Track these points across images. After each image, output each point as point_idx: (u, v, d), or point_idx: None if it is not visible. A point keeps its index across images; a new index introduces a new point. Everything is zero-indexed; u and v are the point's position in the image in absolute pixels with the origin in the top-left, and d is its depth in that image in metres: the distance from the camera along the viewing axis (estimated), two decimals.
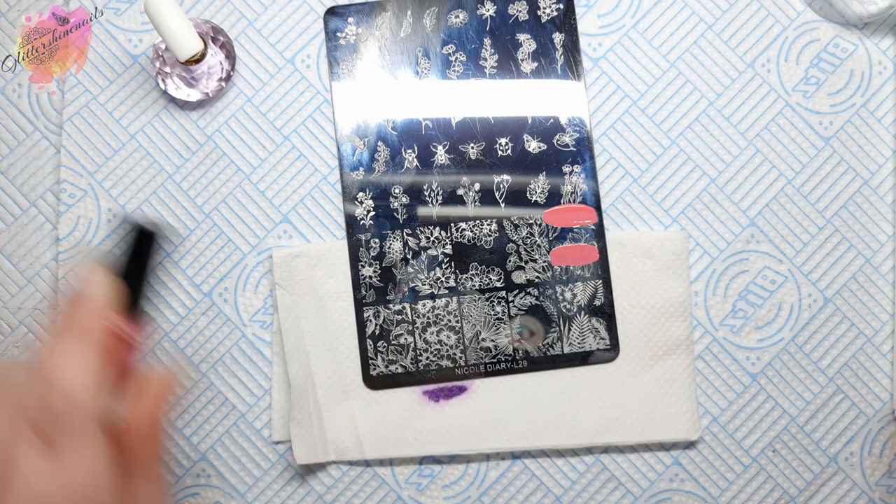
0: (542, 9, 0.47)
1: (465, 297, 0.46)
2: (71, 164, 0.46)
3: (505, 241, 0.46)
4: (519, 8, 0.47)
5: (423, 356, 0.45)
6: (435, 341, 0.45)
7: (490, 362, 0.45)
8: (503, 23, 0.47)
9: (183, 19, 0.42)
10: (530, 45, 0.47)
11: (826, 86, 0.47)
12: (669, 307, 0.46)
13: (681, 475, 0.46)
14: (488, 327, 0.45)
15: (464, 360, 0.45)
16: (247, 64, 0.47)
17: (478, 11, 0.47)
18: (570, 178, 0.46)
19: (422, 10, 0.47)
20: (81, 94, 0.47)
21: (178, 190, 0.47)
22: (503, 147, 0.46)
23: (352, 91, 0.47)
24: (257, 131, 0.47)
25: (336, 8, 0.47)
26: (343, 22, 0.47)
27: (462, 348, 0.45)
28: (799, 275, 0.47)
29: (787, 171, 0.47)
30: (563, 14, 0.47)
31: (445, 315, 0.45)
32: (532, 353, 0.45)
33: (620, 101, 0.47)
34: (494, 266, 0.46)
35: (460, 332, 0.45)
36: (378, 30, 0.47)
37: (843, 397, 0.46)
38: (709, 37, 0.47)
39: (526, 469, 0.46)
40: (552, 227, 0.46)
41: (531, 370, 0.45)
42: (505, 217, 0.46)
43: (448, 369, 0.45)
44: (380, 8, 0.47)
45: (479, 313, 0.45)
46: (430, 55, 0.46)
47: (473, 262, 0.46)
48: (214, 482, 0.46)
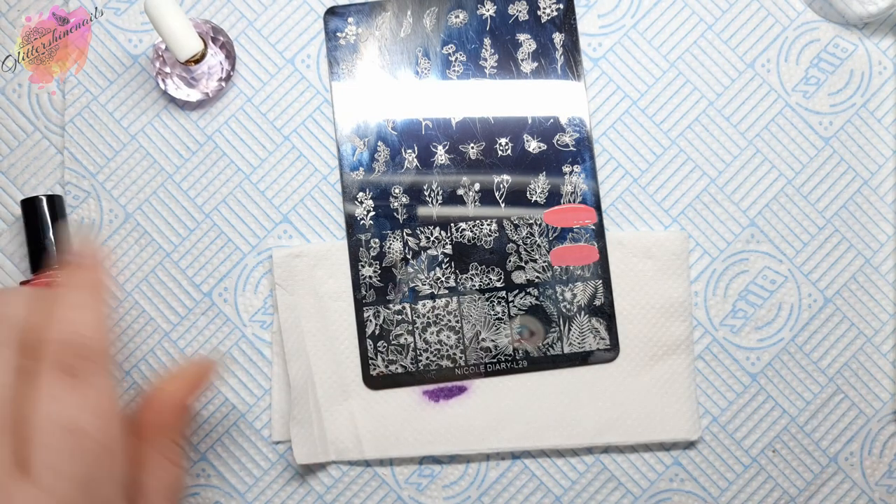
0: (541, 9, 0.47)
1: (465, 297, 0.46)
2: (74, 167, 0.46)
3: (505, 241, 0.46)
4: (519, 8, 0.47)
5: (423, 356, 0.45)
6: (435, 341, 0.45)
7: (490, 362, 0.45)
8: (503, 23, 0.47)
9: (183, 19, 0.42)
10: (530, 45, 0.47)
11: (826, 86, 0.47)
12: (669, 307, 0.46)
13: (681, 475, 0.46)
14: (488, 327, 0.45)
15: (464, 360, 0.45)
16: (247, 64, 0.47)
17: (478, 11, 0.47)
18: (570, 178, 0.46)
19: (422, 10, 0.47)
20: (82, 95, 0.47)
21: (177, 190, 0.47)
22: (503, 147, 0.46)
23: (352, 91, 0.47)
24: (257, 131, 0.47)
25: (336, 8, 0.47)
26: (343, 22, 0.47)
27: (462, 348, 0.45)
28: (799, 275, 0.47)
29: (787, 171, 0.47)
30: (564, 14, 0.47)
31: (445, 315, 0.45)
32: (532, 354, 0.45)
33: (620, 101, 0.47)
34: (494, 266, 0.46)
35: (460, 333, 0.45)
36: (378, 30, 0.47)
37: (843, 397, 0.46)
38: (709, 37, 0.47)
39: (526, 469, 0.46)
40: (552, 227, 0.46)
41: (531, 370, 0.45)
42: (505, 217, 0.46)
43: (448, 369, 0.45)
44: (380, 8, 0.47)
45: (479, 313, 0.46)
46: (430, 55, 0.47)
47: (473, 262, 0.46)
48: (214, 482, 0.46)
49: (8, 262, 0.47)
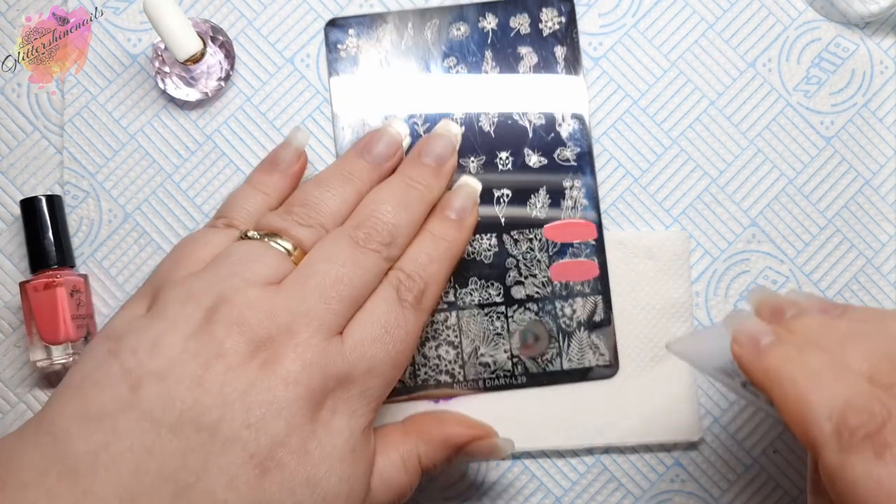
0: (543, 22, 0.46)
1: (464, 311, 0.45)
2: (73, 167, 0.46)
3: (504, 255, 0.46)
4: (520, 21, 0.47)
5: (421, 371, 0.45)
6: (434, 356, 0.45)
7: (489, 377, 0.45)
8: (505, 36, 0.46)
9: (182, 19, 0.42)
10: (532, 59, 0.46)
11: (827, 85, 0.47)
12: (670, 308, 0.46)
13: (682, 476, 0.46)
14: (487, 342, 0.45)
15: (462, 375, 0.45)
16: (246, 63, 0.47)
17: (479, 24, 0.47)
18: (571, 192, 0.46)
19: (423, 22, 0.47)
20: (81, 95, 0.47)
21: (177, 190, 0.47)
22: (503, 161, 0.46)
23: (352, 103, 0.46)
24: (257, 131, 0.47)
25: (337, 20, 0.47)
26: (344, 34, 0.47)
27: (461, 363, 0.45)
28: (800, 275, 0.46)
29: (789, 170, 0.47)
30: (566, 27, 0.46)
31: (444, 330, 0.45)
32: (531, 370, 0.45)
33: (621, 101, 0.47)
34: (494, 281, 0.45)
35: (459, 348, 0.45)
36: (379, 42, 0.46)
37: None
38: (710, 36, 0.47)
39: (526, 469, 0.46)
40: (552, 242, 0.46)
41: (530, 386, 0.45)
42: (504, 232, 0.46)
43: (447, 384, 0.45)
44: (381, 20, 0.47)
45: (479, 328, 0.45)
46: (430, 68, 0.46)
47: (473, 276, 0.45)
48: None
49: (7, 262, 0.47)
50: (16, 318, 0.46)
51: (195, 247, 0.39)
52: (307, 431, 0.34)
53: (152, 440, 0.32)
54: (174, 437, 0.32)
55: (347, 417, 0.36)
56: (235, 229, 0.40)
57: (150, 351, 0.34)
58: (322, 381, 0.35)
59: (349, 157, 0.42)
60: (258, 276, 0.36)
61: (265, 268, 0.36)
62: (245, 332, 0.34)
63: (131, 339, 0.35)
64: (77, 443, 0.32)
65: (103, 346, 0.35)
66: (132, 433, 0.32)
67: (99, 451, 0.32)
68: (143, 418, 0.33)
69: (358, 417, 0.36)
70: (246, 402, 0.33)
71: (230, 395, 0.33)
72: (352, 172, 0.41)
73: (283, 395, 0.34)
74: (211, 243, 0.39)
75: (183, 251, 0.39)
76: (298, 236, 0.38)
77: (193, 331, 0.34)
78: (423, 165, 0.42)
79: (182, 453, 0.32)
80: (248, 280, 0.36)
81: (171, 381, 0.33)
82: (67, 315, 0.43)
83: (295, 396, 0.34)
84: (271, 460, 0.33)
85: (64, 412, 0.33)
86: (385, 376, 0.37)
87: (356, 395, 0.36)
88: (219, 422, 0.33)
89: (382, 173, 0.42)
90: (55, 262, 0.44)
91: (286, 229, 0.38)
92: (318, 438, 0.35)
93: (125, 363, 0.34)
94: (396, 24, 0.46)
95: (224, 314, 0.34)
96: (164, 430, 0.32)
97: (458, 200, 0.42)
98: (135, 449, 0.32)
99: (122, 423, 0.33)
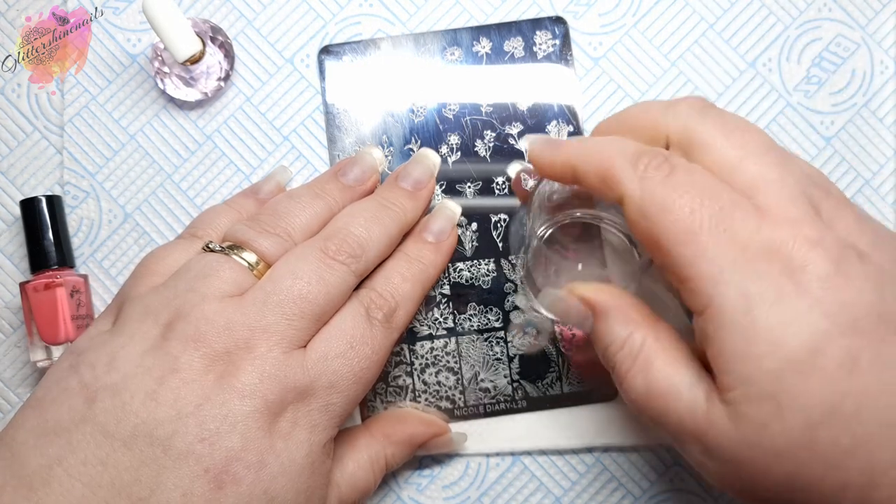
0: (537, 45, 0.46)
1: (463, 337, 0.45)
2: (73, 167, 0.46)
3: (503, 280, 0.45)
4: (515, 44, 0.46)
5: (421, 397, 0.45)
6: (434, 382, 0.45)
7: (489, 402, 0.45)
8: (499, 59, 0.46)
9: (181, 19, 0.42)
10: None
11: (827, 85, 0.47)
12: None
13: (682, 476, 0.46)
14: (487, 368, 0.45)
15: (463, 401, 0.45)
16: (246, 63, 0.47)
17: (473, 48, 0.46)
18: None
19: (417, 47, 0.46)
20: (81, 95, 0.47)
21: (177, 190, 0.47)
22: (500, 186, 0.46)
23: (348, 129, 0.46)
24: (256, 131, 0.47)
25: (330, 47, 0.47)
26: (338, 60, 0.46)
27: (461, 389, 0.45)
28: None
29: None
30: (560, 49, 0.46)
31: (444, 356, 0.45)
32: (531, 394, 0.45)
33: (622, 101, 0.47)
34: (492, 306, 0.45)
35: (459, 373, 0.45)
36: (373, 68, 0.46)
37: None
38: (710, 36, 0.47)
39: (526, 469, 0.46)
40: None
41: (530, 410, 0.45)
42: (502, 256, 0.46)
43: (447, 410, 0.45)
44: (374, 45, 0.46)
45: (478, 354, 0.45)
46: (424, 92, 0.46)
47: (472, 302, 0.45)
48: None
49: (7, 262, 0.47)
50: (16, 319, 0.46)
51: (158, 260, 0.39)
52: (265, 445, 0.34)
53: (106, 453, 0.32)
54: (128, 451, 0.33)
55: (308, 432, 0.36)
56: (200, 241, 0.40)
57: (106, 366, 0.34)
58: (280, 392, 0.35)
59: (323, 177, 0.43)
60: (216, 290, 0.36)
61: (223, 283, 0.36)
62: (201, 347, 0.34)
63: (90, 355, 0.35)
64: (33, 456, 0.33)
65: (66, 362, 0.35)
66: (87, 447, 0.33)
67: (53, 465, 0.32)
68: (97, 432, 0.33)
69: (319, 432, 0.36)
70: (200, 415, 0.33)
71: (184, 408, 0.33)
72: (324, 190, 0.41)
73: (239, 409, 0.34)
74: (172, 257, 0.39)
75: (147, 265, 0.39)
76: (262, 248, 0.38)
77: (150, 347, 0.35)
78: (398, 188, 0.42)
79: (136, 467, 0.32)
80: (205, 295, 0.36)
81: (125, 395, 0.33)
82: (67, 315, 0.43)
83: (251, 409, 0.34)
84: (227, 474, 0.33)
85: (24, 426, 0.34)
86: (348, 392, 0.37)
87: (317, 410, 0.36)
88: (172, 436, 0.33)
89: (356, 195, 0.42)
90: (55, 263, 0.44)
91: (251, 240, 0.38)
92: (277, 452, 0.34)
93: (83, 378, 0.34)
94: (390, 50, 0.46)
95: (180, 330, 0.35)
96: (118, 443, 0.33)
97: (436, 223, 0.43)
98: (89, 462, 0.32)
99: (76, 436, 0.33)
